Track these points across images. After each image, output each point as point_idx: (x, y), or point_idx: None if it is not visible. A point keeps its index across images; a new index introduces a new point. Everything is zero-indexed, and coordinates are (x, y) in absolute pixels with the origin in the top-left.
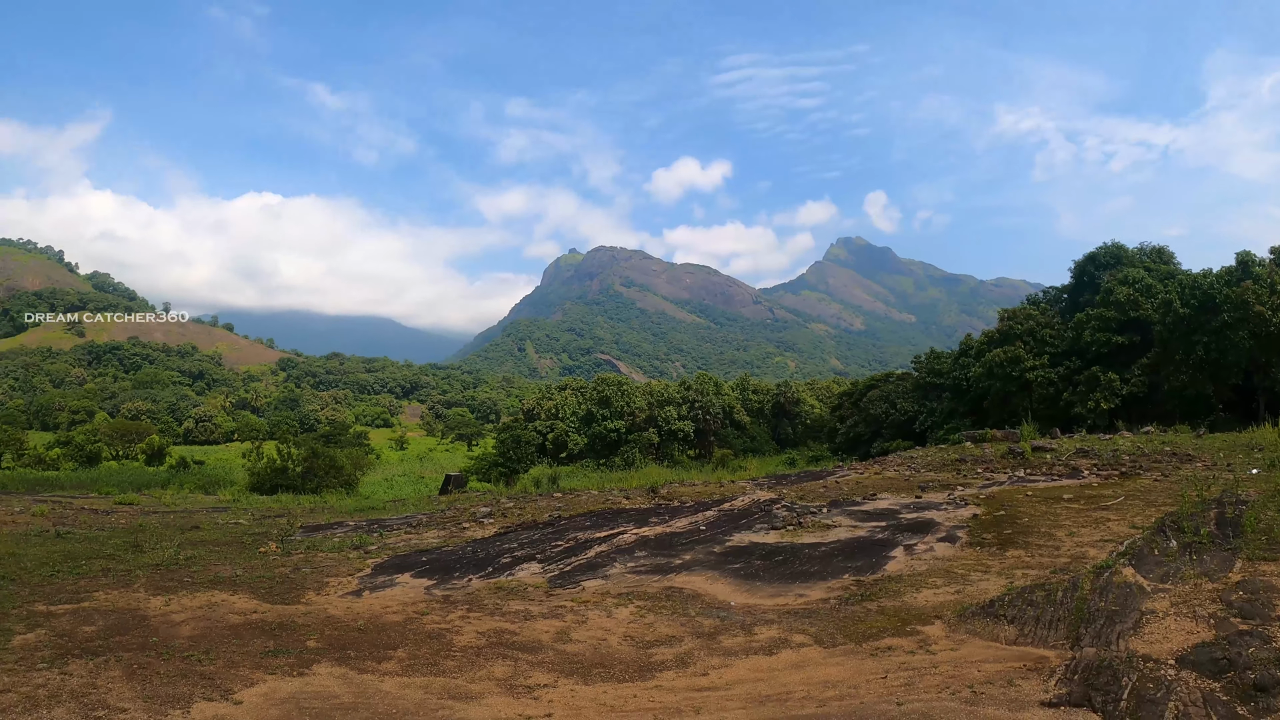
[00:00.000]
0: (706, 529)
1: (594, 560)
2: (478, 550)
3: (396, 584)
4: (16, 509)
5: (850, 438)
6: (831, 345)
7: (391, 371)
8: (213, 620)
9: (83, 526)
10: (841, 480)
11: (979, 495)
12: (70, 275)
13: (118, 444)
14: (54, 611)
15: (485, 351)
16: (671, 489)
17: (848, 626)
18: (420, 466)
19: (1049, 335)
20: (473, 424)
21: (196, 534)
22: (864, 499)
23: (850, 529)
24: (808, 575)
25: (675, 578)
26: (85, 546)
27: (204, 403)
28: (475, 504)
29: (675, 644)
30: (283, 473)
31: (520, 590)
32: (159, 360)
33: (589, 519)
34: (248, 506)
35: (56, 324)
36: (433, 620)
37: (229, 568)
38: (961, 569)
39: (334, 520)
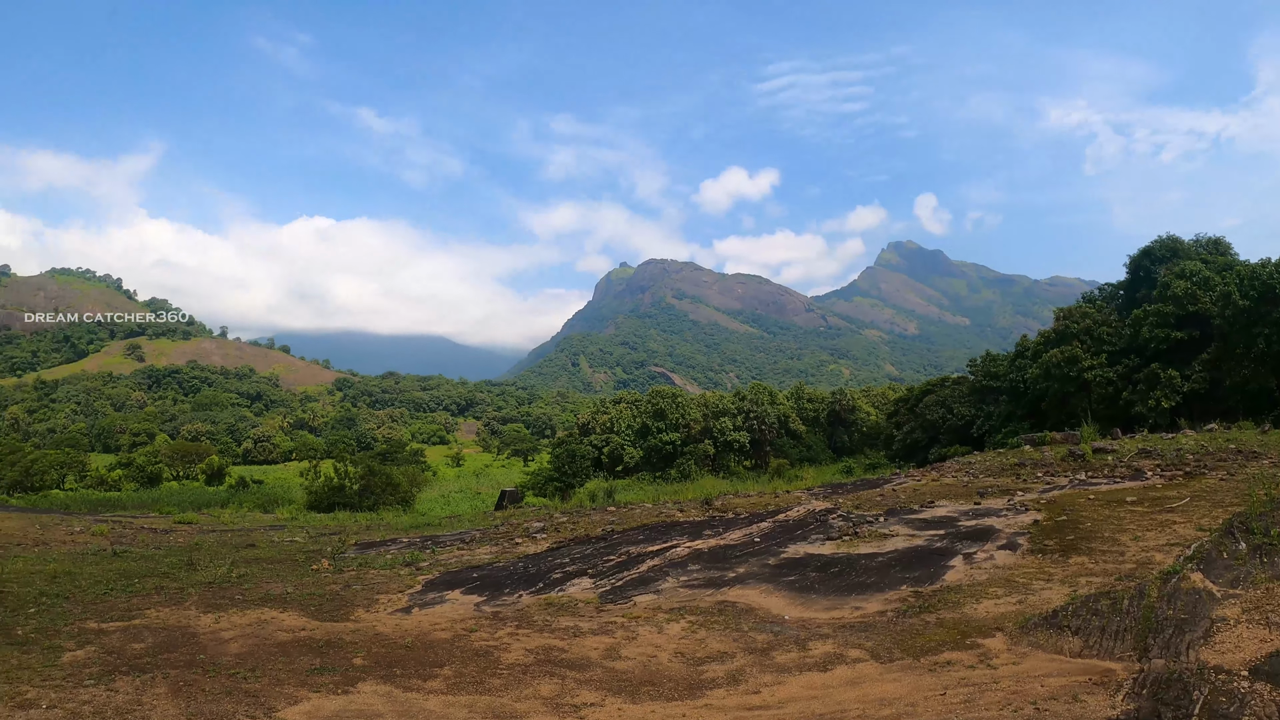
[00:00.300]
0: (761, 541)
1: (646, 575)
2: (529, 566)
3: (446, 601)
4: (77, 529)
5: (907, 444)
6: (885, 351)
7: (447, 389)
8: (261, 638)
9: (140, 545)
10: (898, 488)
11: (1039, 500)
12: (129, 302)
13: (178, 465)
14: (105, 629)
15: (539, 367)
16: (726, 501)
17: (905, 640)
18: (476, 483)
19: (1106, 333)
20: (528, 439)
21: (251, 552)
22: (921, 506)
23: (908, 538)
24: (864, 587)
25: (728, 591)
26: (141, 565)
27: (262, 423)
28: (529, 519)
29: (727, 660)
30: (340, 491)
31: (570, 606)
32: (217, 383)
33: (642, 533)
34: (304, 524)
35: (117, 349)
36: (481, 637)
37: (280, 585)
38: (1023, 577)
39: (388, 537)
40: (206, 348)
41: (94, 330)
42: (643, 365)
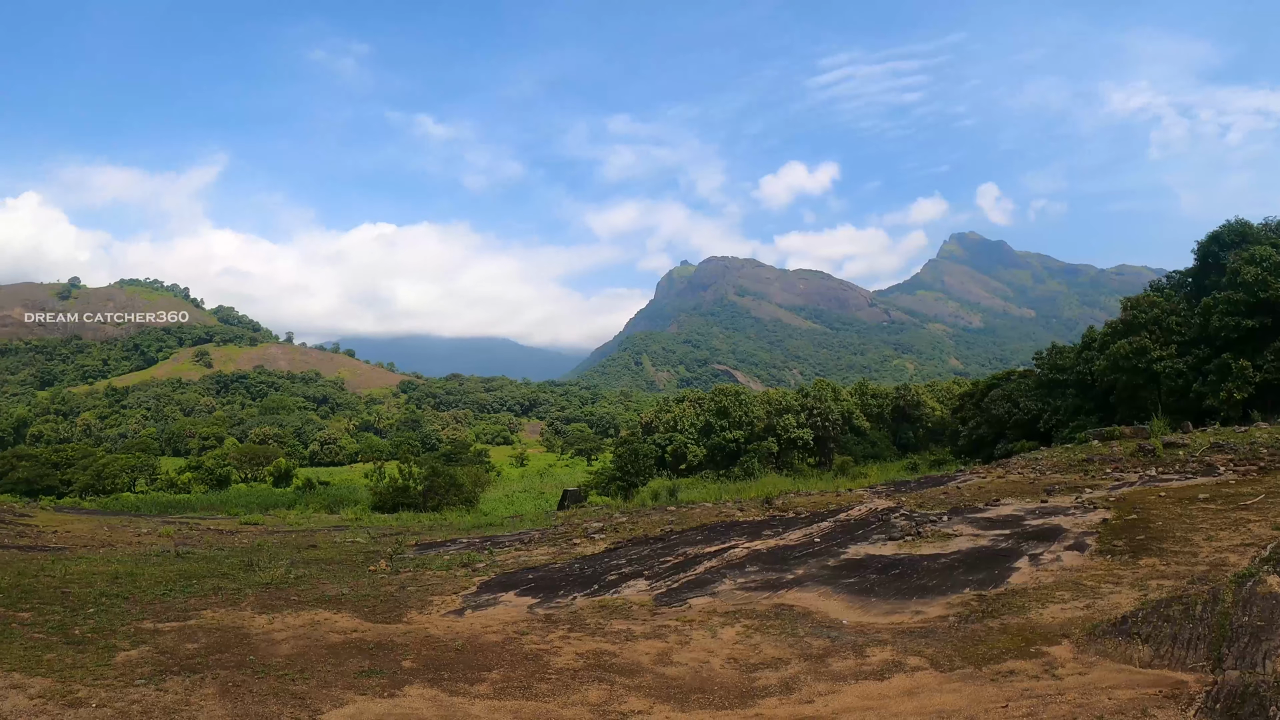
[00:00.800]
0: (821, 541)
1: (703, 576)
2: (585, 567)
3: (500, 602)
4: (144, 530)
5: (973, 440)
6: (950, 345)
7: (510, 390)
8: (312, 639)
9: (204, 546)
10: (963, 485)
11: (1108, 498)
12: (196, 310)
13: (246, 467)
14: (160, 629)
15: (602, 367)
16: (786, 499)
17: (967, 647)
18: (540, 482)
19: (1175, 323)
20: (591, 439)
21: (312, 552)
22: (986, 505)
23: (972, 538)
24: (926, 590)
25: (786, 594)
26: (201, 566)
27: (328, 426)
28: (588, 519)
29: (781, 667)
30: (404, 491)
31: (624, 609)
32: (284, 387)
33: (701, 533)
34: (367, 525)
35: (185, 356)
36: (532, 640)
37: (336, 586)
38: (1091, 580)
39: (449, 538)
40: (273, 353)
41: (163, 338)
42: (705, 363)
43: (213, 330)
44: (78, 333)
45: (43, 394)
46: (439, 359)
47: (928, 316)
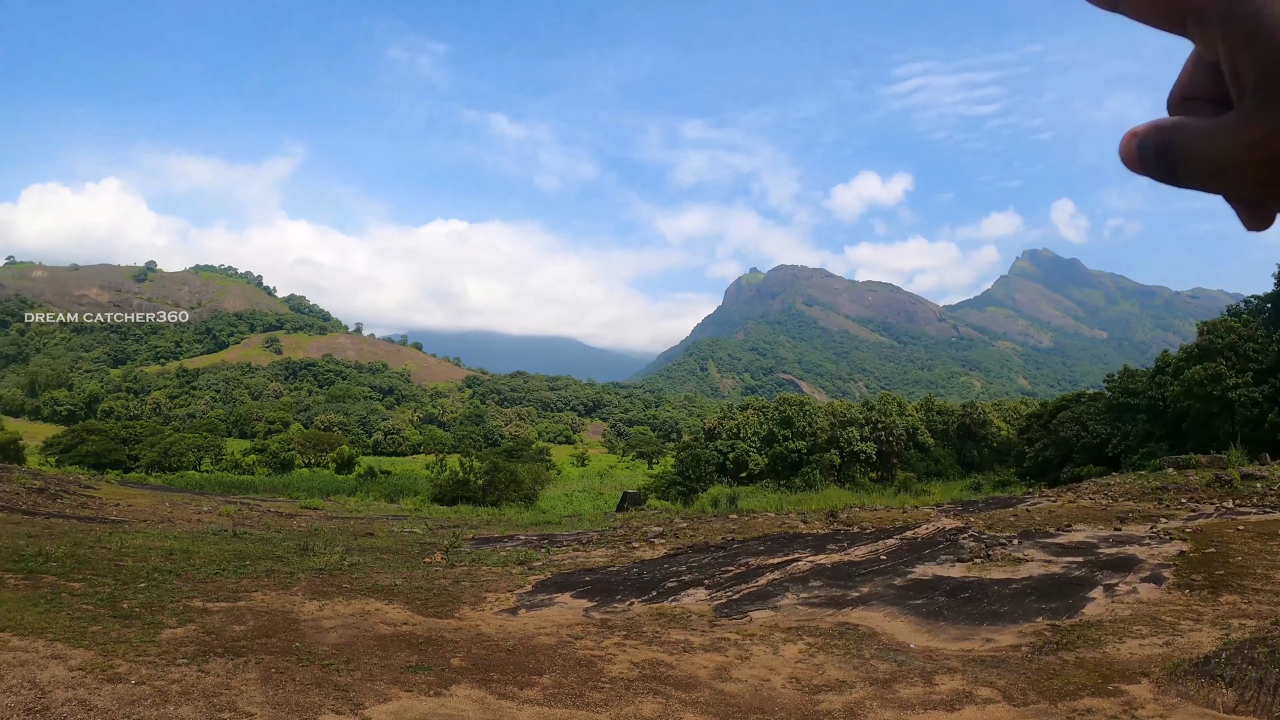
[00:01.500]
0: (887, 559)
1: (765, 589)
2: (643, 572)
3: (555, 603)
4: (205, 508)
5: (1039, 462)
6: (1019, 364)
7: (574, 390)
8: (361, 629)
9: (262, 528)
10: (1033, 508)
11: (1184, 528)
12: (269, 298)
13: (310, 453)
14: (209, 608)
15: (667, 371)
16: (851, 513)
17: (1041, 681)
18: (600, 483)
19: (1252, 350)
20: (654, 442)
21: (368, 540)
22: (1058, 530)
23: (1043, 564)
24: (996, 616)
25: (851, 612)
26: (257, 547)
27: (393, 417)
28: (648, 523)
29: (845, 690)
30: (464, 485)
31: (683, 618)
32: (351, 376)
33: (763, 543)
34: (426, 516)
35: (256, 342)
36: (586, 645)
37: (390, 576)
38: (1169, 615)
39: (507, 533)
40: (341, 343)
41: (234, 323)
42: (771, 372)
43: (284, 318)
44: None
45: (115, 372)
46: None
47: (997, 334)
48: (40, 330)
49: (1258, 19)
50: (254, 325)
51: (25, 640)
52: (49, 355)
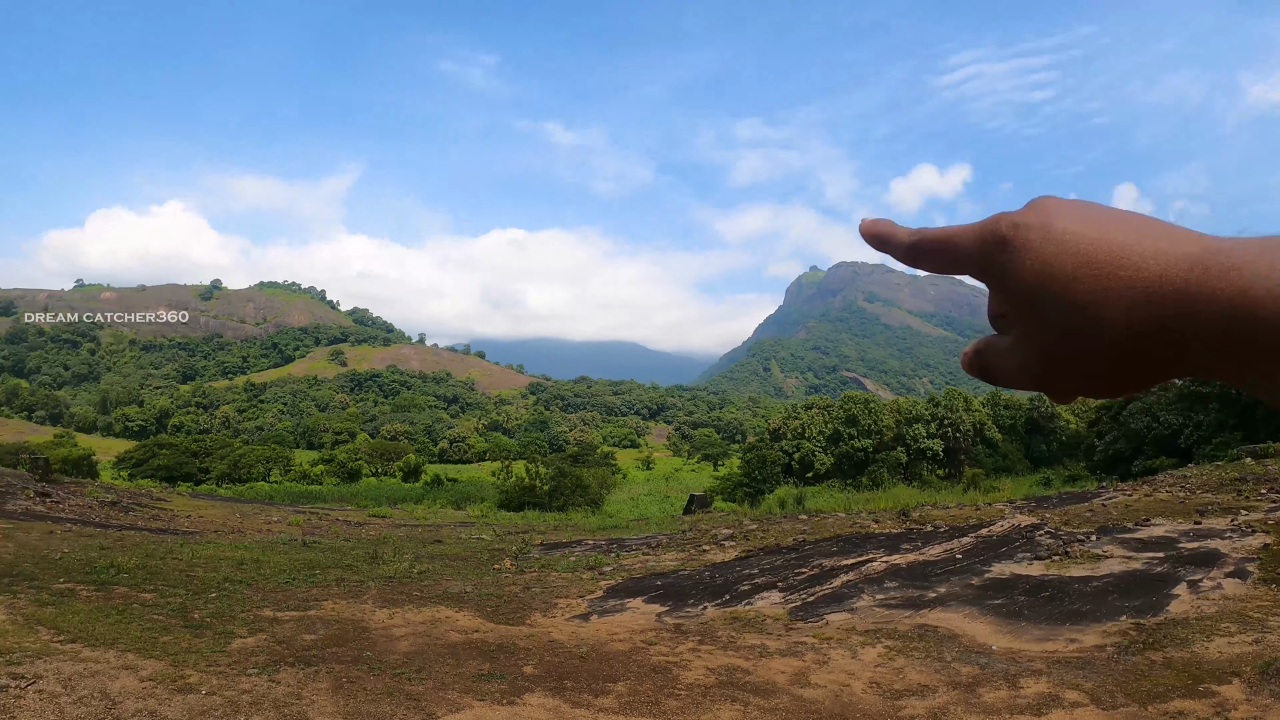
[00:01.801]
0: (963, 558)
1: (839, 590)
2: (715, 575)
3: (627, 609)
4: (274, 518)
5: (1109, 455)
6: None
7: (638, 394)
8: (432, 637)
9: (331, 537)
10: (1108, 503)
11: (1266, 521)
12: (332, 311)
13: (377, 462)
14: (279, 617)
15: (730, 372)
16: (924, 512)
17: (1129, 683)
18: (665, 486)
19: None
20: (718, 444)
21: (437, 548)
22: (1135, 525)
23: (1123, 560)
24: (1079, 615)
25: (929, 613)
26: (327, 556)
27: (458, 425)
28: (717, 525)
29: (927, 695)
30: (530, 490)
31: (758, 622)
32: (415, 386)
33: (835, 544)
34: (493, 522)
35: (321, 355)
36: (660, 652)
37: (460, 583)
38: (1257, 612)
39: (575, 538)
40: (405, 353)
41: (299, 337)
42: (834, 370)
43: (347, 330)
44: (218, 331)
45: (185, 387)
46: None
47: None
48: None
49: (1005, 277)
50: (319, 339)
51: (96, 651)
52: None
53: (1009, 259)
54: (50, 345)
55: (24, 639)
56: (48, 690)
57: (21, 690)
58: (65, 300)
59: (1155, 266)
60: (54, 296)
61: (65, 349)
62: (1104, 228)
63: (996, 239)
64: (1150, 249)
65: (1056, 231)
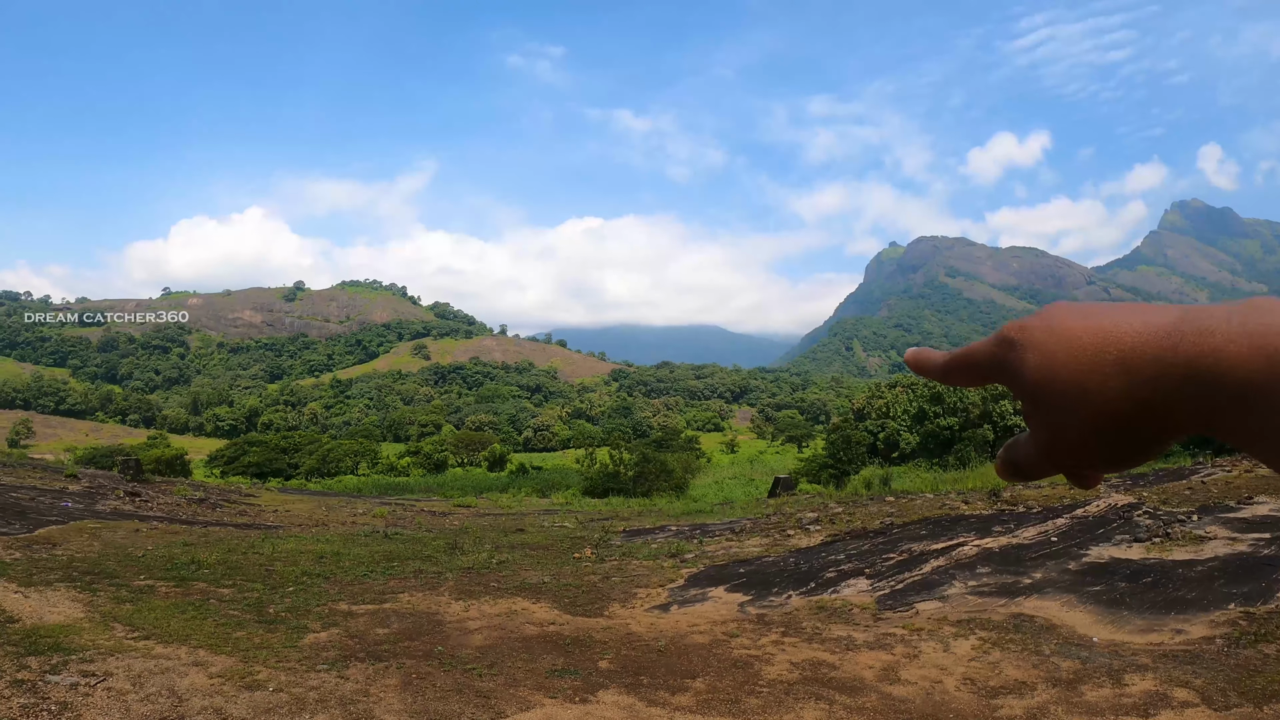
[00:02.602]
0: (1058, 540)
1: (929, 577)
2: (800, 561)
3: (709, 598)
4: (360, 510)
5: None
6: None
7: (720, 377)
8: (507, 630)
9: (414, 528)
10: (1207, 480)
11: None
12: (414, 307)
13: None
14: (354, 611)
15: (812, 353)
16: (1015, 492)
17: (1242, 680)
18: (750, 469)
19: None
20: (802, 425)
21: (518, 537)
22: (1238, 503)
23: (1227, 542)
24: (1184, 603)
25: (1024, 601)
26: (407, 547)
27: (541, 413)
28: (802, 509)
29: (1026, 694)
30: (614, 477)
31: (844, 611)
32: (498, 377)
33: (923, 527)
34: (576, 510)
35: (404, 350)
36: (742, 644)
37: (538, 573)
38: None
39: (658, 524)
40: (487, 345)
41: (383, 333)
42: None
43: (430, 325)
44: (304, 330)
45: (272, 386)
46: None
47: (1150, 293)
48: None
49: (1016, 375)
50: (401, 334)
51: (169, 647)
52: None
53: (1017, 357)
54: (141, 351)
55: (99, 636)
56: (116, 688)
57: (91, 688)
58: (153, 307)
59: (1134, 340)
60: (142, 305)
61: (155, 354)
62: (1097, 316)
63: (1006, 342)
64: (1133, 326)
65: (1057, 327)
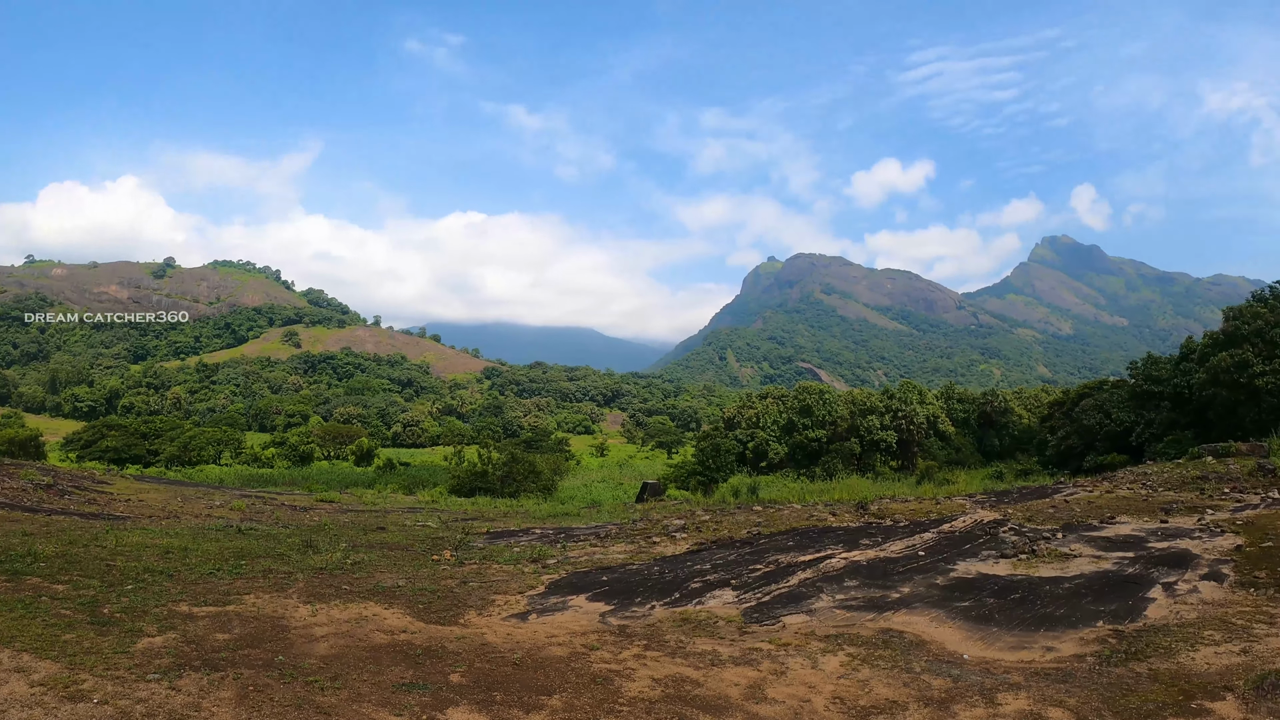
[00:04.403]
0: (926, 555)
1: (797, 590)
2: (665, 570)
3: (569, 607)
4: (217, 502)
5: (1061, 450)
6: (1038, 351)
7: (593, 380)
8: (355, 638)
9: (270, 523)
10: (1070, 499)
11: (1234, 520)
12: (287, 292)
13: (329, 445)
14: (195, 614)
15: (686, 360)
16: (882, 505)
17: (1116, 698)
18: (619, 473)
19: (1279, 336)
20: (673, 432)
21: (378, 535)
22: (1101, 522)
23: (1093, 559)
24: (1053, 620)
25: (893, 616)
26: (259, 544)
27: (412, 409)
28: (669, 515)
29: (897, 713)
30: (482, 476)
31: (709, 624)
32: (370, 369)
33: (791, 538)
34: (443, 508)
35: (275, 336)
36: (602, 658)
37: (393, 576)
38: (1240, 619)
39: (523, 527)
40: (360, 335)
41: (253, 318)
42: (789, 361)
43: (302, 312)
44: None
45: (136, 368)
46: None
47: (1016, 321)
48: (61, 328)
49: None
50: (273, 319)
51: None
52: (69, 352)
53: None
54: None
55: None
56: None
57: None
58: (14, 276)
59: None
60: (2, 272)
61: (14, 326)
62: None
63: None
64: None
65: None
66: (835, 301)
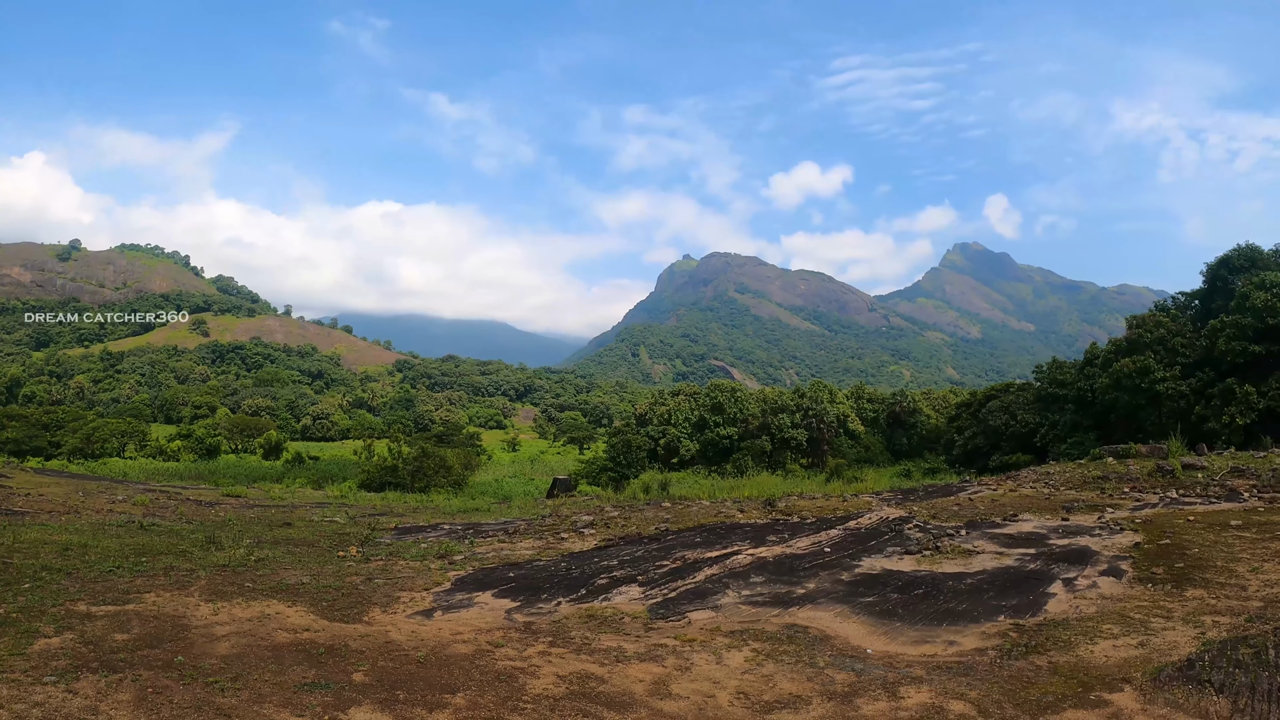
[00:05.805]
0: (832, 551)
1: (703, 586)
2: (572, 566)
3: (475, 604)
4: (119, 497)
5: (968, 450)
6: (947, 354)
7: (506, 374)
8: (257, 637)
9: (175, 518)
10: (974, 497)
11: (1133, 519)
12: (196, 279)
13: (237, 438)
14: (93, 613)
15: (599, 356)
16: (790, 502)
17: (1016, 692)
18: (531, 468)
19: (1180, 344)
20: (585, 428)
21: (284, 531)
22: (1004, 520)
23: (995, 556)
24: (956, 615)
25: (798, 612)
26: (163, 541)
27: (322, 401)
28: (578, 511)
29: (801, 708)
30: (393, 471)
31: (615, 620)
32: (279, 360)
33: (699, 534)
34: (350, 504)
35: (182, 324)
36: (506, 655)
37: (298, 573)
38: (1138, 613)
39: (432, 522)
40: (270, 325)
41: (160, 304)
42: (702, 358)
43: (211, 299)
44: (76, 295)
45: (38, 355)
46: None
47: (927, 324)
48: None
49: None
50: (180, 306)
51: None
52: None
53: None
54: None
55: None
56: None
57: None
58: None
59: None
60: None
61: None
62: None
63: None
64: None
65: None
66: (749, 301)
